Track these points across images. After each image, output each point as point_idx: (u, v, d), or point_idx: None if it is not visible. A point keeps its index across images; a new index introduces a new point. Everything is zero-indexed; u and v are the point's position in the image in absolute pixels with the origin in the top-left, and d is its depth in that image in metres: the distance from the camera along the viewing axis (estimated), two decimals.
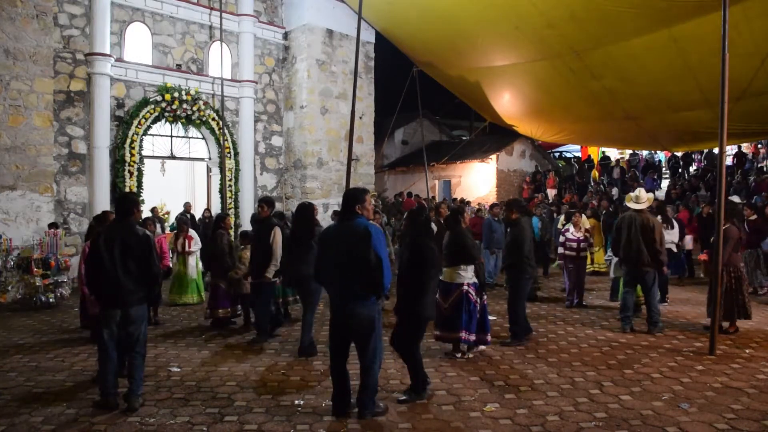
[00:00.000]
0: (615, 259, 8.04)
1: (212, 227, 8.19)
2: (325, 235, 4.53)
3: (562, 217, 11.76)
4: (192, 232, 9.11)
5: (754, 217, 9.38)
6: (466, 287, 5.80)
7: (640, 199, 7.13)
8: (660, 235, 6.96)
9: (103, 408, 4.49)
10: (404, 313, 4.80)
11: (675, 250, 9.41)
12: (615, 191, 17.69)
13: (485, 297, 6.11)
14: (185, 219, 9.80)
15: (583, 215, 9.97)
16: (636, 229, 6.90)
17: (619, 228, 7.13)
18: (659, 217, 9.16)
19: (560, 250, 8.97)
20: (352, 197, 4.38)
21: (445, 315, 5.82)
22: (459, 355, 5.92)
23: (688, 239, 10.90)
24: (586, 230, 8.99)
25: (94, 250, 4.63)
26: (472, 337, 5.84)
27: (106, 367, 4.58)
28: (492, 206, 11.12)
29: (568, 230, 8.81)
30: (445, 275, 5.84)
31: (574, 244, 8.65)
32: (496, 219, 10.36)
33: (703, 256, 8.40)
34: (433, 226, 7.80)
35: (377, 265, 4.13)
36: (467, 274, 5.84)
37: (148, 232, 4.78)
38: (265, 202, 6.97)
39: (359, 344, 4.31)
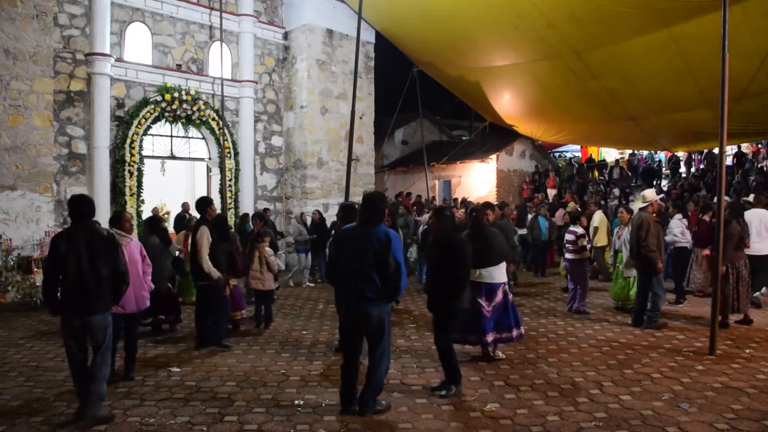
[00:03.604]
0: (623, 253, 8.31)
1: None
2: (341, 237, 4.61)
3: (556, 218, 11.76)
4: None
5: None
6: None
7: (646, 198, 7.44)
8: (647, 234, 7.02)
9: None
10: (441, 309, 4.88)
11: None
12: (616, 191, 17.72)
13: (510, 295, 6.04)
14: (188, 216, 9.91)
15: (599, 213, 10.60)
16: (633, 228, 7.32)
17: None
18: (679, 215, 9.26)
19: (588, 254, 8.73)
20: (377, 204, 4.46)
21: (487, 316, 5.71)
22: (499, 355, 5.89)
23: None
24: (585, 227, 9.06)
25: (54, 256, 4.24)
26: (490, 338, 5.72)
27: (81, 380, 4.28)
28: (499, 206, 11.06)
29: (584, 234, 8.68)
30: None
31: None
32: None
33: (706, 252, 8.53)
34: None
35: (396, 271, 4.27)
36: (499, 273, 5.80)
37: (112, 232, 4.67)
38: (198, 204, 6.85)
39: (370, 343, 4.43)
